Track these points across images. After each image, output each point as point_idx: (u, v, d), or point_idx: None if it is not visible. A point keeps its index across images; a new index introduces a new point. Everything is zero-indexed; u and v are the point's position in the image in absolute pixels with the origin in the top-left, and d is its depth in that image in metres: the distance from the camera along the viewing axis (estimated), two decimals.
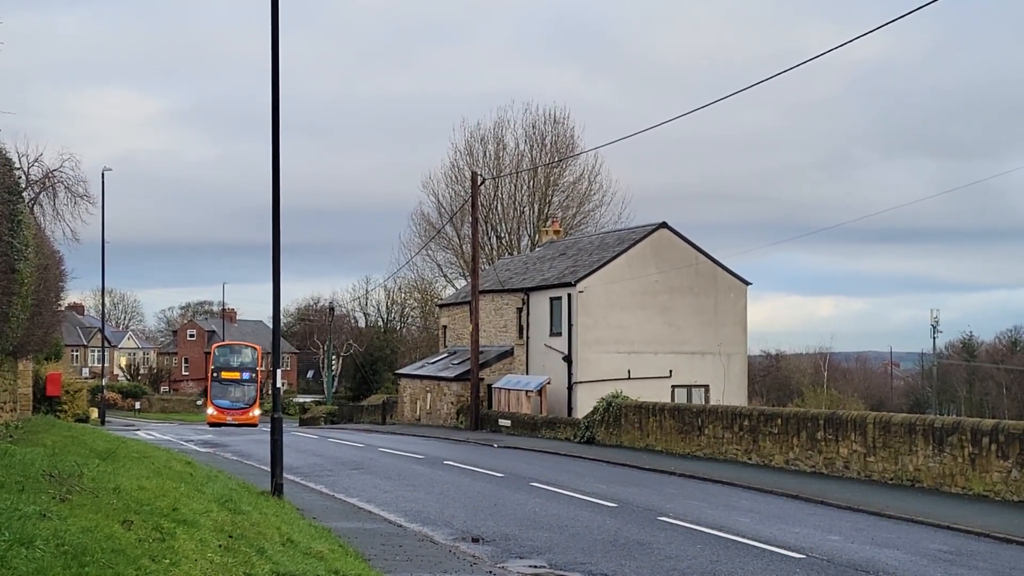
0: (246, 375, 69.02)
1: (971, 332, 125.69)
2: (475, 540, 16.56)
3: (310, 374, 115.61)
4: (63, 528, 9.00)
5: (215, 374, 68.41)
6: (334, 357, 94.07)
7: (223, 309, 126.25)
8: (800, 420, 28.31)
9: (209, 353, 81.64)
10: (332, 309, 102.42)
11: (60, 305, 31.45)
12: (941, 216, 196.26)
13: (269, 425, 20.59)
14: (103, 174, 59.74)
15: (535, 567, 14.42)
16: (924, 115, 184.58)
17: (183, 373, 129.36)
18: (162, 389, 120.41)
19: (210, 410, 67.71)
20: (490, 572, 13.69)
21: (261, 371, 72.98)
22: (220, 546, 10.75)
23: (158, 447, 27.91)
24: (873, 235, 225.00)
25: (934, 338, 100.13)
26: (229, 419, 66.24)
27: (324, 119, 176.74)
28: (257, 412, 68.01)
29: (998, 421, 22.98)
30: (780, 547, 15.87)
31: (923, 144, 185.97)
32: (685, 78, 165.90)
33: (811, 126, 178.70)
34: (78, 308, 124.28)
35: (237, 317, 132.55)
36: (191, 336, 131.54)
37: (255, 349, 71.58)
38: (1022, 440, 21.38)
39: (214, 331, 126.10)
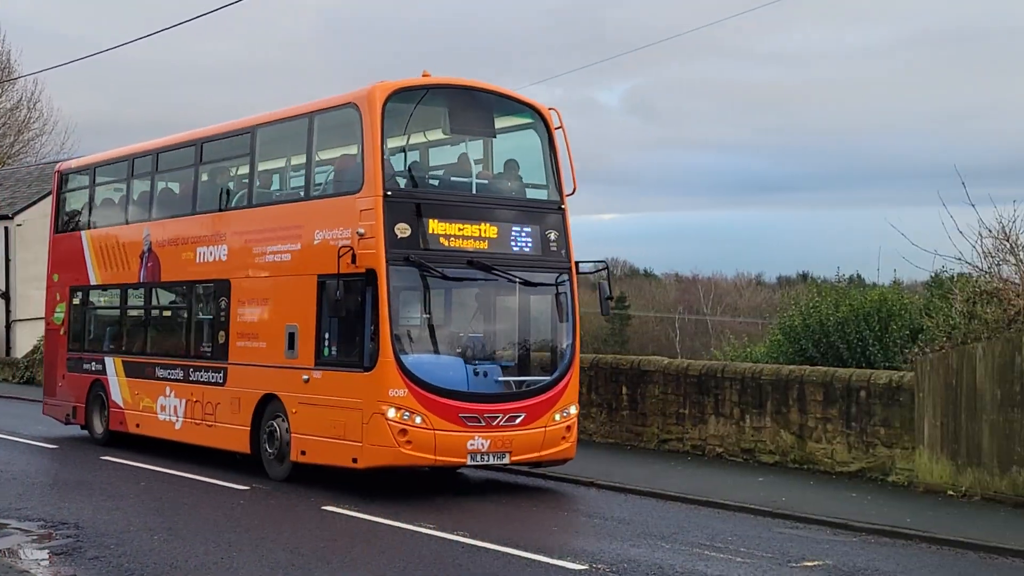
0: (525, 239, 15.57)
1: None
2: None
3: None
4: None
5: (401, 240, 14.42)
6: None
7: None
8: None
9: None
10: None
11: None
12: None
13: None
14: None
15: None
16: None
17: None
18: None
19: (395, 411, 13.91)
20: None
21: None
22: None
23: None
24: None
25: None
26: (482, 449, 14.16)
27: None
28: (574, 410, 15.18)
29: None
30: (227, 482, 16.24)
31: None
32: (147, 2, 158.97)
33: (276, 63, 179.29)
34: None
35: None
36: None
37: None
38: None
39: None
